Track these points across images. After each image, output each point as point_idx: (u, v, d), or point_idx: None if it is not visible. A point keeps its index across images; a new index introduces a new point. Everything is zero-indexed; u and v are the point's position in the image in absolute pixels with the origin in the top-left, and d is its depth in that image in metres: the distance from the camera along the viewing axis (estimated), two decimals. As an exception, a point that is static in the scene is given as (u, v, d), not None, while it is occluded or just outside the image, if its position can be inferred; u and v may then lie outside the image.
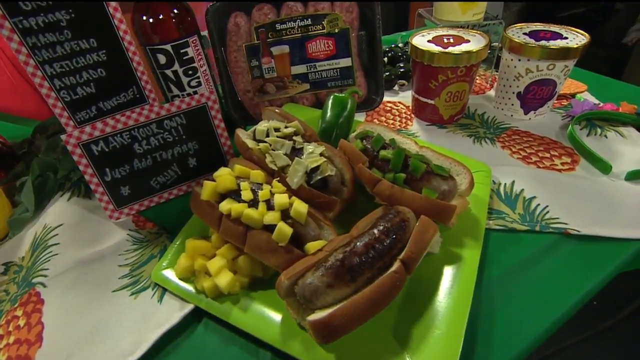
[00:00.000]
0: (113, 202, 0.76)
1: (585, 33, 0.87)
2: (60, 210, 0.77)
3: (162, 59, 0.82)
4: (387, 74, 1.13)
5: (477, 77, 1.18)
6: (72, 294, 0.61)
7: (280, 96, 0.95)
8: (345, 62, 0.92)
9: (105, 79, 0.76)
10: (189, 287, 0.61)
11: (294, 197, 0.62)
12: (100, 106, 0.78)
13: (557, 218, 0.68)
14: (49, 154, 0.86)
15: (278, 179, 0.65)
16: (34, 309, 0.60)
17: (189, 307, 0.59)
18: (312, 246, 0.57)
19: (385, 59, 1.26)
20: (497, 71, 1.06)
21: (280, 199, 0.59)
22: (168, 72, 0.84)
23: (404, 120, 1.00)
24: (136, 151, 0.74)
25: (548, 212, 0.70)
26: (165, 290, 0.62)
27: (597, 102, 1.01)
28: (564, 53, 0.82)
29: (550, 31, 0.90)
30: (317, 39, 0.89)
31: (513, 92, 0.94)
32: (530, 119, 0.97)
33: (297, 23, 0.87)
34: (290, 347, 0.52)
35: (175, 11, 0.80)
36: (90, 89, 0.75)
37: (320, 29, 0.88)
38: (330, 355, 0.50)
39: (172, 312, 0.59)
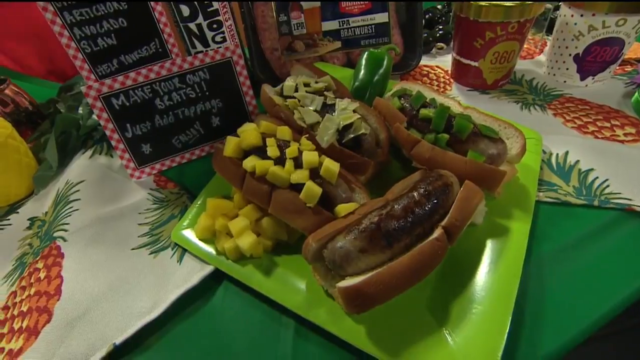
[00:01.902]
0: (134, 160, 0.73)
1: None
2: (82, 167, 0.75)
3: (185, 10, 0.77)
4: (425, 35, 1.04)
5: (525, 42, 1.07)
6: (91, 249, 0.59)
7: (310, 55, 0.89)
8: (381, 17, 0.84)
9: (127, 29, 0.72)
10: (210, 248, 0.58)
11: (323, 156, 0.56)
12: (121, 59, 0.74)
13: (619, 193, 0.60)
14: (72, 110, 0.84)
15: (307, 136, 0.60)
16: (54, 262, 0.58)
17: (208, 269, 0.56)
18: (343, 208, 0.52)
19: (423, 21, 1.16)
20: (548, 35, 0.95)
21: (310, 156, 0.54)
22: (192, 25, 0.79)
23: (442, 85, 0.92)
24: (157, 107, 0.71)
25: (608, 186, 0.62)
26: (185, 250, 0.59)
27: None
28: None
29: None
30: (352, -9, 0.81)
31: (570, 55, 0.83)
32: (587, 85, 0.86)
33: (330, -29, 0.80)
34: (315, 315, 0.48)
35: (200, -44, 0.74)
36: (111, 40, 0.71)
37: (356, -21, 0.80)
38: (359, 327, 0.46)
39: (192, 274, 0.56)
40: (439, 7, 1.24)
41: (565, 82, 0.88)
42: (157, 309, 0.51)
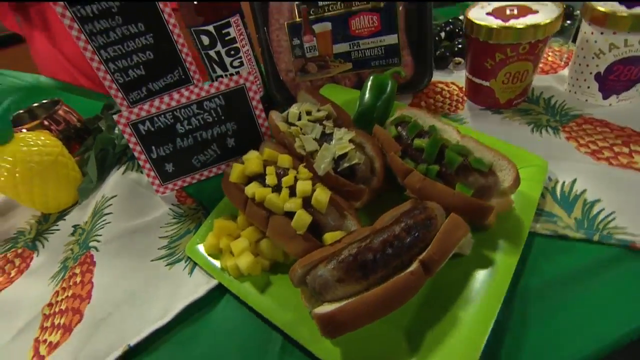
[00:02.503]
0: (159, 178, 0.82)
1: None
2: (115, 183, 0.86)
3: (205, 40, 0.84)
4: (442, 50, 1.03)
5: (550, 54, 1.03)
6: (117, 260, 0.69)
7: (322, 76, 0.92)
8: (390, 39, 0.85)
9: (153, 61, 0.80)
10: (216, 263, 0.64)
11: (317, 185, 0.60)
12: (149, 87, 0.83)
13: (625, 228, 0.58)
14: (110, 131, 0.95)
15: (304, 164, 0.64)
16: (88, 269, 0.68)
17: (214, 283, 0.63)
18: (330, 236, 0.56)
19: (443, 33, 1.15)
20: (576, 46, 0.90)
21: (303, 185, 0.59)
22: (212, 52, 0.86)
23: (454, 104, 0.91)
24: (178, 131, 0.78)
25: (614, 219, 0.59)
26: (195, 264, 0.66)
27: None
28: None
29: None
30: (361, 15, 0.84)
31: (590, 73, 0.80)
32: (610, 104, 0.82)
33: (340, -4, 0.83)
34: (299, 334, 0.52)
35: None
36: (140, 71, 0.80)
37: (365, 4, 0.82)
38: (336, 349, 0.49)
39: (199, 286, 0.63)
40: (462, 17, 1.21)
41: (587, 100, 0.84)
42: (167, 317, 0.59)
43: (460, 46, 1.08)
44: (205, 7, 0.80)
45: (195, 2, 0.79)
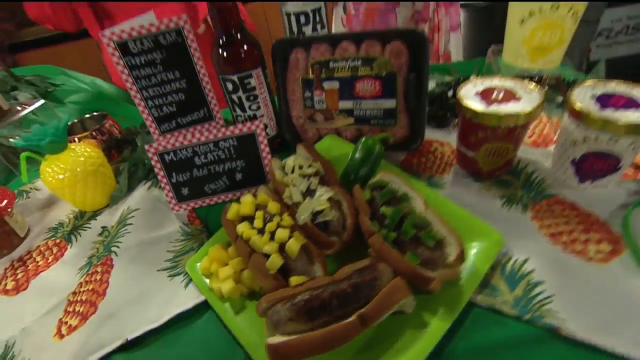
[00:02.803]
0: (175, 198, 0.97)
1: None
2: (141, 196, 1.02)
3: (230, 86, 0.98)
4: (444, 111, 1.12)
5: (547, 125, 1.08)
6: (131, 266, 0.84)
7: (327, 126, 1.04)
8: (389, 103, 0.96)
9: (184, 101, 0.96)
10: (207, 282, 0.78)
11: (295, 233, 0.72)
12: (178, 121, 0.99)
13: (557, 312, 0.65)
14: (143, 150, 1.13)
15: (288, 212, 0.77)
16: (106, 270, 0.84)
17: (202, 298, 0.76)
18: (295, 280, 0.68)
19: (451, 92, 1.23)
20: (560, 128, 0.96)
21: (281, 233, 0.71)
22: (234, 96, 1.00)
23: (442, 166, 1.00)
24: (196, 163, 0.93)
25: (550, 302, 0.67)
26: (191, 279, 0.80)
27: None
28: (633, 129, 0.73)
29: (629, 97, 0.79)
30: (365, 80, 0.95)
31: (568, 157, 0.86)
32: (585, 189, 0.87)
33: (348, 63, 0.95)
34: (258, 355, 0.64)
35: (245, 47, 0.94)
36: (172, 108, 0.96)
37: (369, 71, 0.94)
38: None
39: (190, 299, 0.76)
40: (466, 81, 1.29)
41: (565, 180, 0.90)
42: (161, 320, 0.73)
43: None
44: (232, 61, 0.94)
45: (224, 56, 0.94)
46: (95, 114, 1.29)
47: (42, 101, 1.40)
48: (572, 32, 0.92)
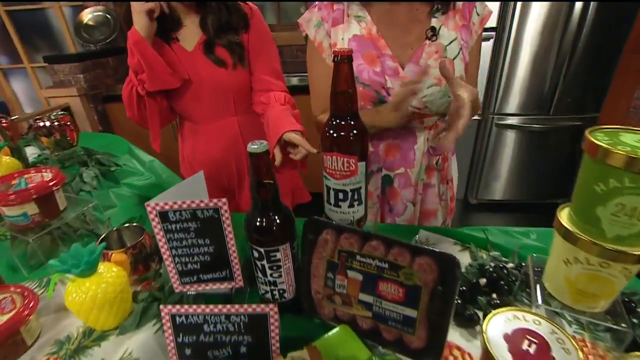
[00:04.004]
0: (177, 355, 0.95)
1: None
2: (145, 341, 1.02)
3: (256, 254, 1.00)
4: (472, 311, 1.05)
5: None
6: None
7: (344, 310, 1.01)
8: (410, 312, 0.91)
9: (209, 262, 0.99)
10: None
11: None
12: (200, 277, 1.01)
13: None
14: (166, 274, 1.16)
15: None
16: None
17: None
18: None
19: (484, 279, 1.16)
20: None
21: None
22: (258, 263, 1.01)
23: (458, 391, 0.90)
24: (204, 329, 0.93)
25: None
26: None
27: None
28: None
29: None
30: (389, 283, 0.92)
31: None
32: None
33: (375, 262, 0.93)
34: None
35: (277, 224, 0.97)
36: (196, 266, 0.99)
37: (395, 276, 0.91)
38: None
39: None
40: (510, 265, 1.21)
41: None
42: None
43: (497, 301, 1.08)
44: (262, 234, 0.97)
45: (256, 229, 0.97)
46: (134, 224, 1.36)
47: (94, 202, 1.52)
48: (624, 286, 0.84)
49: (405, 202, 1.52)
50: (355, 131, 1.01)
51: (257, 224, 0.97)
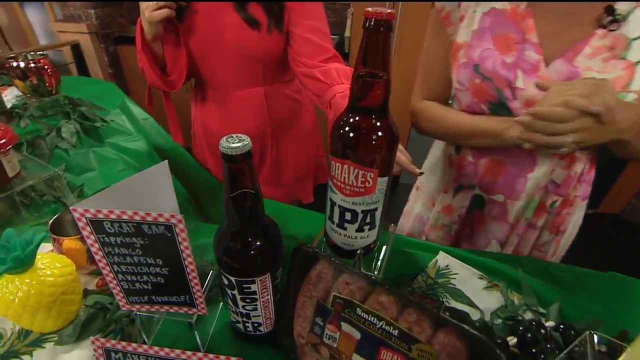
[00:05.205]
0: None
1: None
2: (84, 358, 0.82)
3: (225, 281, 0.76)
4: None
5: None
6: None
7: (332, 368, 0.77)
8: (418, 396, 0.67)
9: (163, 284, 0.75)
10: None
11: None
12: (152, 298, 0.78)
13: None
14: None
15: None
16: None
17: None
18: None
19: (514, 338, 0.90)
20: None
21: None
22: (228, 291, 0.78)
23: None
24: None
25: None
26: None
27: None
28: None
29: None
30: (397, 355, 0.67)
31: None
32: None
33: (380, 324, 0.68)
34: None
35: (258, 245, 0.72)
36: (147, 286, 0.76)
37: (405, 349, 0.66)
38: None
39: None
40: (549, 324, 0.94)
41: None
42: None
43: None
44: (234, 261, 0.72)
45: (228, 254, 0.72)
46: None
47: (55, 171, 1.27)
48: None
49: (491, 238, 1.17)
50: (380, 133, 0.71)
51: (230, 246, 0.72)
